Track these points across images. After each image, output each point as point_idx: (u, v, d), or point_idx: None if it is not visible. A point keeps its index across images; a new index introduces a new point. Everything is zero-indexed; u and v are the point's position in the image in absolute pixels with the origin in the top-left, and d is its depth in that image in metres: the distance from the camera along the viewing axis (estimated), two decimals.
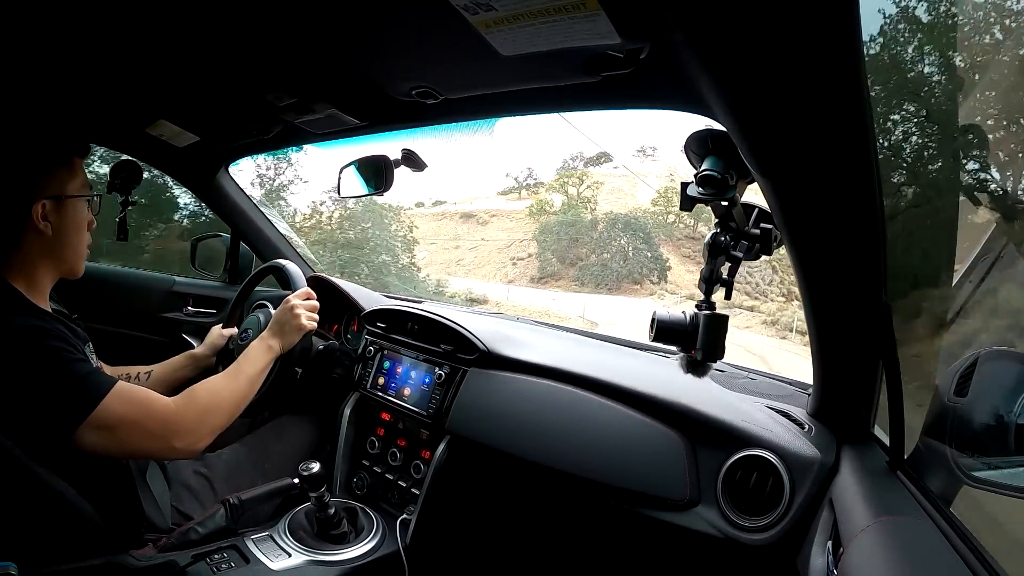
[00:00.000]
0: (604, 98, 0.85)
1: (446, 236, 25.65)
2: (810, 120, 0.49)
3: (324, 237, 13.51)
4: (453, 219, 26.53)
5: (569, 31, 0.65)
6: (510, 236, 23.73)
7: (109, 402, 0.79)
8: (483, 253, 24.20)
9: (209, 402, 0.90)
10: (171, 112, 1.25)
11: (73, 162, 0.90)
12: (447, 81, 0.89)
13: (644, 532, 0.91)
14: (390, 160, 1.19)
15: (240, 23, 0.80)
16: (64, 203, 0.88)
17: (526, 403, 1.04)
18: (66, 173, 0.89)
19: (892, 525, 0.56)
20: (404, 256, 15.83)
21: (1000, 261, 0.79)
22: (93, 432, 0.78)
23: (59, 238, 0.88)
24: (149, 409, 0.84)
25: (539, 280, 23.14)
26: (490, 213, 25.93)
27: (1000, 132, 1.03)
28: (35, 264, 0.87)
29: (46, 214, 0.85)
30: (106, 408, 0.79)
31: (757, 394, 1.04)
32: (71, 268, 0.92)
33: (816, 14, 0.39)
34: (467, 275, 22.74)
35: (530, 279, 22.28)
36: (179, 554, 0.88)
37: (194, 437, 0.86)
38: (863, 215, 0.56)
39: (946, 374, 0.70)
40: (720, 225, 0.68)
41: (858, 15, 0.39)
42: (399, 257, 15.07)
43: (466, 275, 22.77)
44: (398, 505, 1.17)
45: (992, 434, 0.61)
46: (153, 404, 0.85)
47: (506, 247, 23.41)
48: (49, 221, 0.86)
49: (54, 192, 0.86)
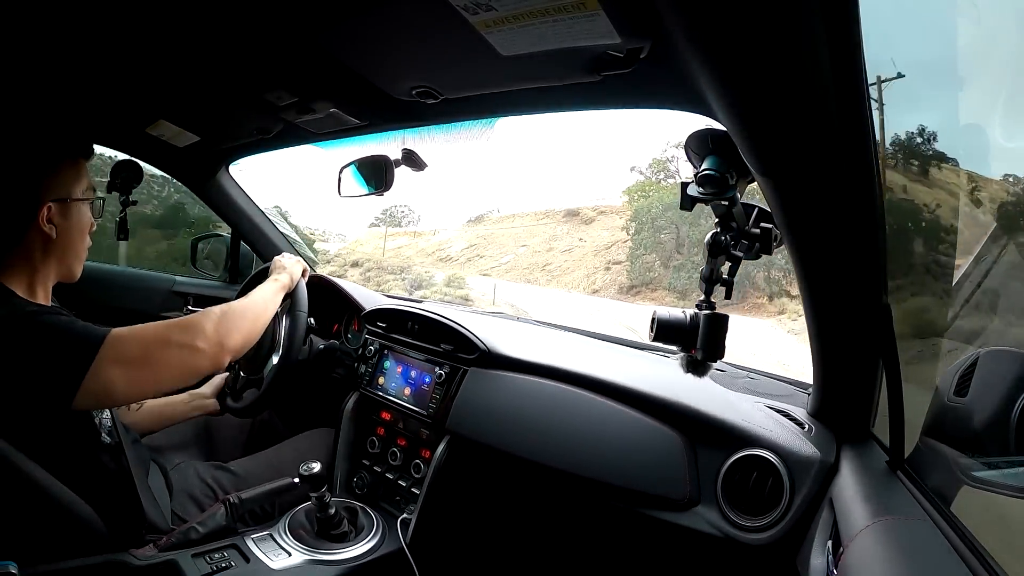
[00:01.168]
0: (604, 98, 0.85)
1: (543, 237, 21.36)
2: (810, 120, 0.49)
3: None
4: (555, 218, 22.03)
5: (569, 31, 0.65)
6: (612, 236, 19.08)
7: (117, 333, 0.78)
8: (576, 256, 19.59)
9: (223, 314, 0.90)
10: (171, 112, 1.26)
11: (79, 164, 0.90)
12: (447, 81, 0.89)
13: (644, 531, 0.91)
14: (390, 160, 1.19)
15: (240, 23, 0.80)
16: (69, 205, 0.87)
17: (526, 403, 1.04)
18: (73, 175, 0.88)
19: (892, 525, 0.56)
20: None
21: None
22: (114, 368, 0.76)
23: (63, 241, 0.87)
24: (158, 324, 0.83)
25: (629, 290, 16.27)
26: (597, 210, 21.16)
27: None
28: (36, 266, 0.86)
29: (51, 217, 0.85)
30: (117, 338, 0.78)
31: (757, 394, 1.04)
32: (70, 271, 0.92)
33: (816, 14, 0.39)
34: (549, 283, 18.33)
35: (619, 288, 16.75)
36: (179, 553, 0.88)
37: (215, 341, 0.86)
38: (863, 215, 0.56)
39: (946, 374, 0.70)
40: (720, 225, 0.68)
41: (858, 15, 0.39)
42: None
43: (548, 283, 18.38)
44: (398, 504, 1.17)
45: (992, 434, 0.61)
46: (159, 323, 0.84)
47: (605, 248, 18.93)
48: (54, 224, 0.85)
49: (61, 195, 0.86)
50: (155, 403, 1.16)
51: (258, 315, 0.98)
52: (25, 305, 0.80)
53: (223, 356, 0.87)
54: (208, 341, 0.85)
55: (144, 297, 1.69)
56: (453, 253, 21.37)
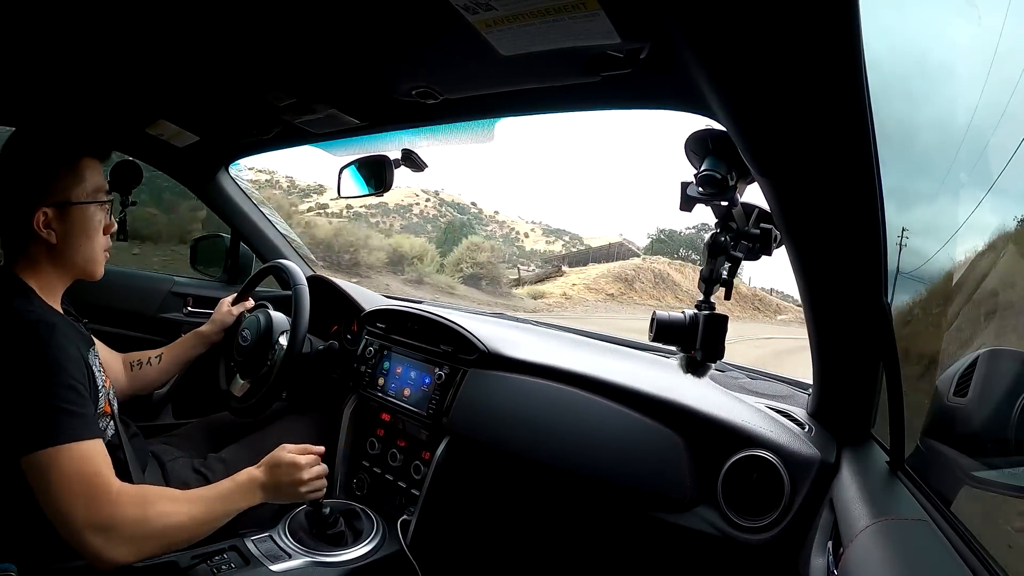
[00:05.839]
0: (604, 98, 0.85)
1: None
2: (810, 121, 0.49)
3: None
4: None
5: (569, 31, 0.65)
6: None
7: (66, 450, 0.72)
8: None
9: (150, 515, 0.75)
10: (171, 112, 1.25)
11: (80, 167, 0.87)
12: (447, 81, 0.89)
13: (644, 532, 0.91)
14: (390, 160, 1.19)
15: (240, 23, 0.80)
16: (69, 209, 0.85)
17: (526, 403, 1.04)
18: (71, 179, 0.85)
19: (892, 525, 0.56)
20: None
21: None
22: (32, 467, 0.71)
23: (66, 245, 0.85)
24: (93, 486, 0.72)
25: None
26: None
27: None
28: (44, 269, 0.86)
29: (49, 222, 0.83)
30: (56, 452, 0.71)
31: (757, 394, 1.04)
32: (84, 272, 0.90)
33: (816, 14, 0.39)
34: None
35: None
36: (179, 555, 0.87)
37: (113, 540, 0.72)
38: (863, 216, 0.56)
39: (946, 374, 0.70)
40: (720, 225, 0.68)
41: (858, 15, 0.39)
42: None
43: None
44: (398, 506, 1.17)
45: (992, 434, 0.61)
46: (102, 485, 0.73)
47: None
48: (53, 229, 0.84)
49: (57, 199, 0.84)
50: (172, 353, 1.21)
51: (199, 534, 0.81)
52: (45, 311, 0.81)
53: (104, 561, 0.72)
54: (103, 544, 0.71)
55: (143, 297, 1.68)
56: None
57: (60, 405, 0.74)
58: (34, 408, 0.73)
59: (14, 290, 0.82)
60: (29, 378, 0.74)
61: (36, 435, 0.72)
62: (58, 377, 0.75)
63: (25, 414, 0.73)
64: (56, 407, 0.73)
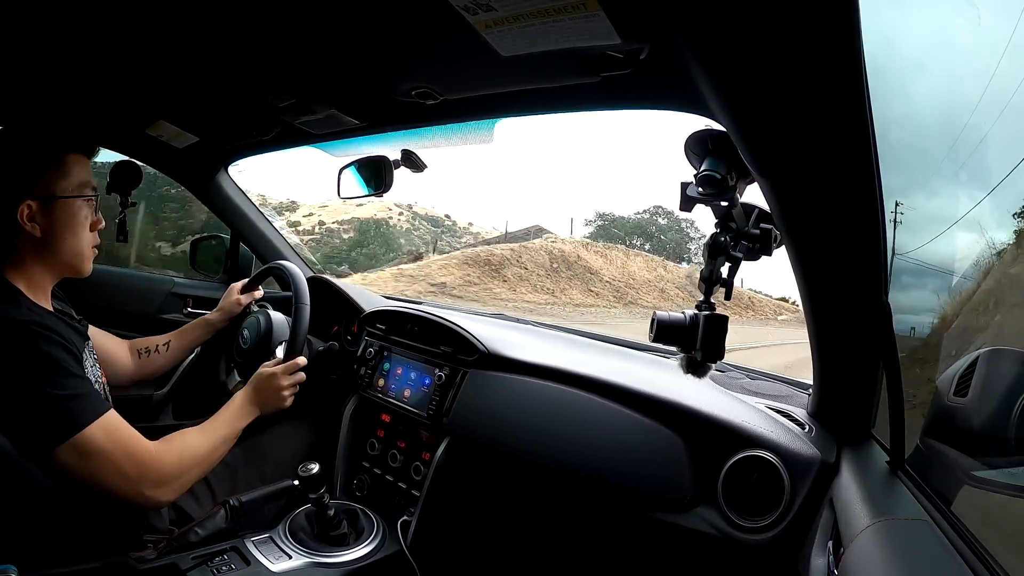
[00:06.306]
0: (604, 98, 0.85)
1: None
2: (810, 121, 0.49)
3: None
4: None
5: (569, 31, 0.65)
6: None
7: (93, 429, 0.78)
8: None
9: (183, 456, 0.88)
10: (171, 113, 1.25)
11: (65, 162, 0.87)
12: (447, 81, 0.89)
13: (644, 532, 0.91)
14: (390, 161, 1.19)
15: (240, 23, 0.80)
16: (54, 204, 0.85)
17: (526, 404, 1.04)
18: (56, 173, 0.86)
19: (893, 525, 0.56)
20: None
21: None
22: (70, 453, 0.76)
23: (51, 240, 0.86)
24: (129, 448, 0.82)
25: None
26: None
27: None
28: (30, 264, 0.86)
29: (33, 215, 0.83)
30: (88, 435, 0.77)
31: (757, 394, 1.04)
32: (72, 267, 0.91)
33: (816, 14, 0.39)
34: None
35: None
36: (180, 556, 0.87)
37: (165, 489, 0.85)
38: (863, 216, 0.56)
39: (946, 374, 0.70)
40: (720, 225, 0.68)
41: (858, 15, 0.39)
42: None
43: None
44: (398, 507, 1.17)
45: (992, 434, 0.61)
46: (135, 445, 0.82)
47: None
48: (37, 223, 0.84)
49: (41, 193, 0.84)
50: (180, 340, 1.23)
51: (218, 455, 0.96)
52: (32, 312, 0.81)
53: (161, 503, 0.88)
54: (154, 490, 0.83)
55: (143, 298, 1.68)
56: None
57: (68, 393, 0.77)
58: (45, 404, 0.75)
59: (1, 294, 0.82)
60: (30, 378, 0.75)
61: (58, 427, 0.76)
62: (57, 369, 0.77)
63: (38, 412, 0.75)
64: (64, 396, 0.77)
